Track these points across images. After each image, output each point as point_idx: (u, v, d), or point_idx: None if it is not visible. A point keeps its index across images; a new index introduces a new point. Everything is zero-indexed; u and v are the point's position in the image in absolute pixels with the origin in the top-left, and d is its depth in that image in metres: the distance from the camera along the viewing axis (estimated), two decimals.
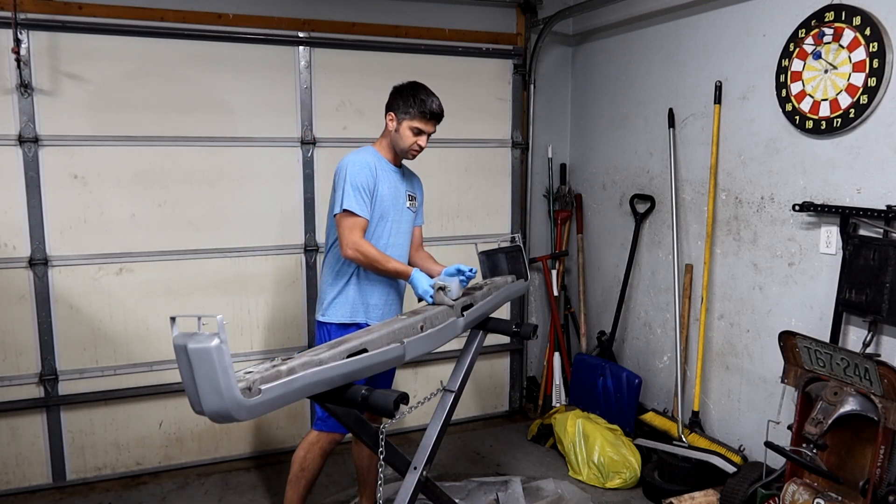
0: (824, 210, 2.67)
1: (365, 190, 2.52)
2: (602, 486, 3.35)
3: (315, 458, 2.64)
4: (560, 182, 4.33)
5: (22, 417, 3.31)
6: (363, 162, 2.55)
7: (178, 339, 1.51)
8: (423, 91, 2.61)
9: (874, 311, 2.47)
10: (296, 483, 2.65)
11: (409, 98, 2.58)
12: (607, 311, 4.05)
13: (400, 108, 2.59)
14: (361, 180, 2.51)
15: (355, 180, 2.51)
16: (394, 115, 2.61)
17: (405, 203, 2.71)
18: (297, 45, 3.54)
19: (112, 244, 3.34)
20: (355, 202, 2.49)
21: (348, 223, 2.50)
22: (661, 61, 3.55)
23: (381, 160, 2.65)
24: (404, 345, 2.04)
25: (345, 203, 2.49)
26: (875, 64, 2.48)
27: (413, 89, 2.60)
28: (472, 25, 3.93)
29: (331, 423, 2.60)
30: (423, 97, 2.58)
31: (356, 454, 2.88)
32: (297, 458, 2.65)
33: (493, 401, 4.34)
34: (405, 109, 2.58)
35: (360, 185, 2.51)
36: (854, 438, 2.42)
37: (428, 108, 2.57)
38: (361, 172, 2.52)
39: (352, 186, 2.50)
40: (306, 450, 2.64)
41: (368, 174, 2.54)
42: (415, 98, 2.57)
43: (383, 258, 2.49)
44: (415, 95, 2.58)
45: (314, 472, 2.65)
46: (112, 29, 3.21)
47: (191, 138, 3.40)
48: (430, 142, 3.83)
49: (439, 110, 2.62)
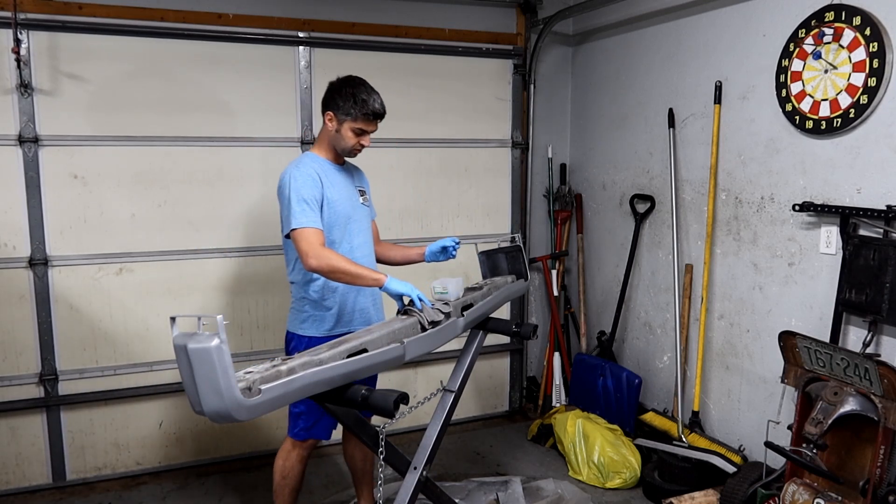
0: (824, 210, 2.67)
1: (313, 201, 2.38)
2: (602, 486, 3.35)
3: (294, 465, 2.61)
4: (560, 182, 4.33)
5: (22, 417, 3.31)
6: (305, 173, 2.40)
7: (178, 339, 1.51)
8: (364, 89, 2.43)
9: (874, 311, 2.47)
10: (280, 492, 2.63)
11: (349, 98, 2.41)
12: (607, 311, 4.05)
13: (340, 109, 2.43)
14: (307, 192, 2.37)
15: (301, 193, 2.36)
16: (333, 115, 2.46)
17: (359, 200, 2.62)
18: (297, 45, 3.54)
19: (112, 244, 3.34)
20: (305, 217, 2.34)
21: (303, 237, 2.33)
22: (661, 61, 3.55)
23: (325, 164, 2.52)
24: (404, 345, 2.04)
25: (293, 221, 2.34)
26: (875, 64, 2.48)
27: (352, 87, 2.42)
28: (472, 25, 3.93)
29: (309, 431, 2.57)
30: (364, 97, 2.41)
31: (348, 456, 2.87)
32: (277, 467, 2.62)
33: (493, 401, 4.34)
34: (345, 110, 2.42)
35: (307, 197, 2.36)
36: (854, 438, 2.42)
37: (371, 109, 2.41)
38: (306, 183, 2.38)
39: (297, 201, 2.35)
40: (284, 458, 2.61)
41: (313, 184, 2.39)
42: (355, 98, 2.40)
43: (350, 263, 2.33)
44: (355, 95, 2.41)
45: (296, 478, 2.63)
46: (112, 29, 3.21)
47: (191, 138, 3.40)
48: (431, 142, 3.92)
49: (382, 109, 2.46)
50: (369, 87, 2.46)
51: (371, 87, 2.47)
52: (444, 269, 3.94)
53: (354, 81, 2.46)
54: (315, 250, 2.31)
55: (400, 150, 3.83)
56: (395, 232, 3.85)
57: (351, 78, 2.48)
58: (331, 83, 2.49)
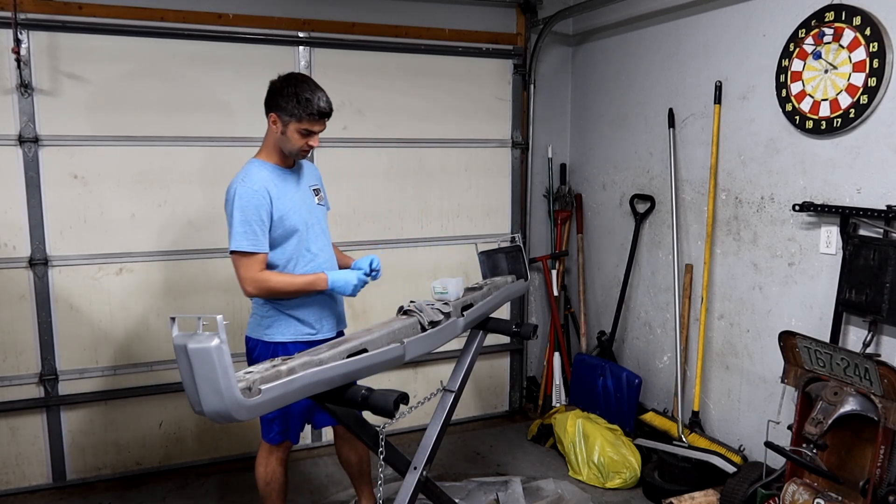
0: (824, 210, 2.67)
1: (259, 221, 2.31)
2: (602, 486, 3.35)
3: (275, 470, 2.61)
4: (560, 182, 4.33)
5: (22, 417, 3.31)
6: (251, 190, 2.31)
7: (178, 339, 1.51)
8: (307, 87, 2.31)
9: (874, 311, 2.47)
10: (268, 497, 2.63)
11: (291, 98, 2.29)
12: (607, 311, 4.05)
13: (283, 110, 2.31)
14: (252, 212, 2.30)
15: (246, 214, 2.29)
16: (276, 116, 2.34)
17: (314, 201, 2.56)
18: (297, 45, 3.54)
19: (112, 244, 3.34)
20: (245, 240, 2.29)
21: (244, 262, 2.31)
22: (661, 61, 3.55)
23: (274, 171, 2.42)
24: (404, 345, 2.05)
25: (232, 243, 2.30)
26: (875, 64, 2.48)
27: (295, 86, 2.30)
28: (472, 25, 3.93)
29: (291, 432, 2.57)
30: (307, 95, 2.28)
31: (343, 460, 2.85)
32: (259, 475, 2.61)
33: (493, 401, 4.34)
34: (289, 111, 2.30)
35: (252, 217, 2.30)
36: (854, 438, 2.42)
37: (316, 108, 2.29)
38: (250, 203, 2.30)
39: (241, 221, 2.29)
40: (264, 464, 2.61)
41: (259, 203, 2.31)
42: (298, 97, 2.28)
43: (289, 280, 2.34)
44: (298, 94, 2.28)
45: (280, 482, 2.62)
46: (112, 29, 3.20)
47: (191, 138, 3.40)
48: (431, 142, 3.92)
49: (328, 107, 2.34)
50: (313, 84, 2.35)
51: (315, 84, 2.36)
52: (444, 269, 3.95)
53: (297, 79, 2.34)
54: (251, 275, 2.32)
55: (400, 149, 3.83)
56: (395, 232, 3.86)
57: (293, 76, 2.37)
58: (272, 83, 2.37)
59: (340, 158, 3.64)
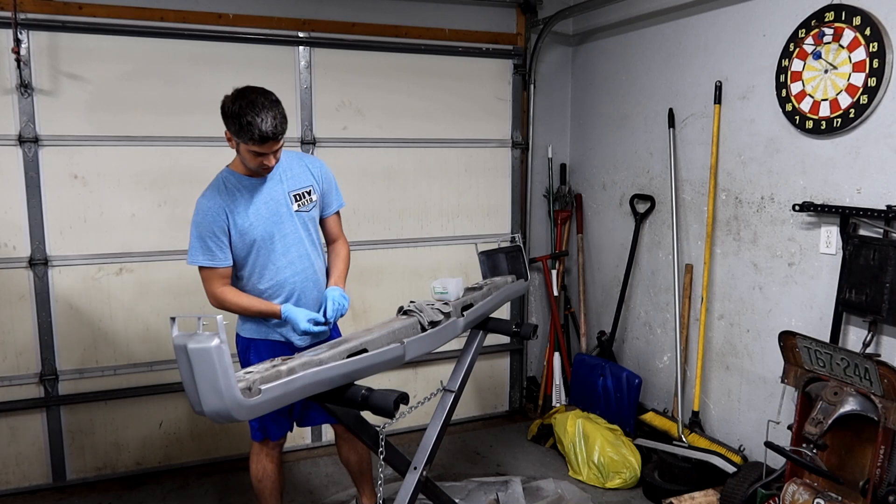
0: (824, 210, 2.67)
1: (213, 236, 2.32)
2: (602, 486, 3.35)
3: (266, 467, 2.61)
4: (560, 182, 4.33)
5: (22, 417, 3.31)
6: (206, 207, 2.32)
7: (178, 339, 1.52)
8: (251, 110, 2.17)
9: (874, 311, 2.47)
10: (262, 494, 2.64)
11: (235, 119, 2.19)
12: (607, 311, 4.05)
13: (232, 131, 2.24)
14: (206, 229, 2.31)
15: (200, 230, 2.32)
16: (229, 134, 2.28)
17: (289, 208, 2.43)
18: (297, 45, 3.54)
19: (112, 244, 3.34)
20: (202, 255, 2.33)
21: (204, 275, 2.37)
22: (661, 61, 3.55)
23: (240, 180, 2.38)
24: (404, 345, 2.05)
25: (189, 257, 2.35)
26: (875, 64, 2.48)
27: (239, 109, 2.18)
28: (472, 25, 3.93)
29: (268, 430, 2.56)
30: (249, 119, 2.16)
31: (343, 459, 2.86)
32: (251, 472, 2.63)
33: (493, 401, 4.34)
34: (235, 132, 2.22)
35: (206, 233, 2.31)
36: (854, 438, 2.42)
37: (257, 134, 2.17)
38: (205, 220, 2.31)
39: (197, 238, 2.32)
40: (255, 462, 2.62)
41: (213, 220, 2.31)
42: (240, 121, 2.17)
43: (245, 303, 2.36)
44: (240, 116, 2.17)
45: (273, 479, 2.63)
46: (112, 29, 3.21)
47: (191, 138, 3.40)
48: (431, 142, 3.92)
49: (272, 131, 2.19)
50: (261, 103, 2.19)
51: (264, 102, 2.20)
52: (444, 269, 3.95)
53: (244, 98, 2.20)
54: (211, 290, 2.38)
55: (400, 149, 3.83)
56: (395, 232, 3.86)
57: (242, 93, 2.22)
58: (224, 98, 2.26)
59: (340, 158, 3.64)
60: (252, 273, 2.43)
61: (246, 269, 2.42)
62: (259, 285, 2.44)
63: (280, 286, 2.45)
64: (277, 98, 2.27)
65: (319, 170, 2.56)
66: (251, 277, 2.43)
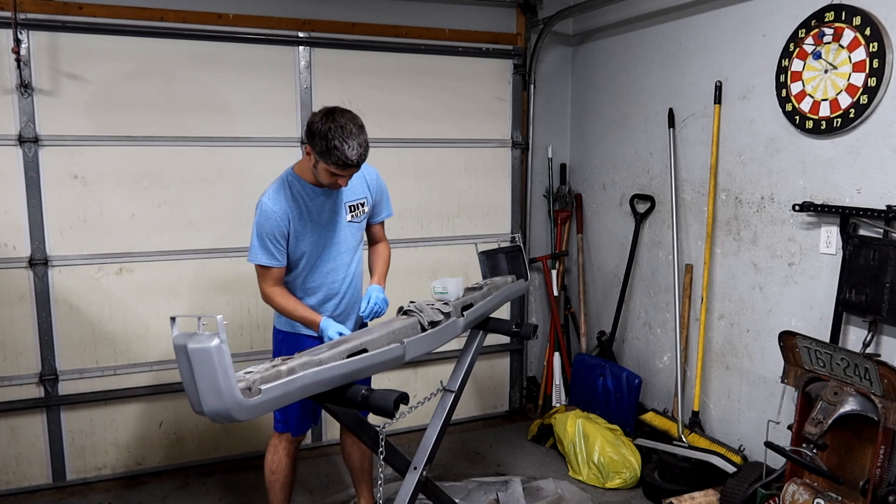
0: (824, 210, 2.67)
1: (273, 239, 2.41)
2: (602, 486, 3.35)
3: (281, 460, 2.64)
4: (560, 182, 4.33)
5: (22, 417, 3.31)
6: (270, 210, 2.39)
7: (178, 339, 1.51)
8: (339, 135, 2.21)
9: (874, 311, 2.47)
10: (272, 487, 2.66)
11: (321, 142, 2.23)
12: (607, 311, 4.05)
13: (315, 149, 2.28)
14: (267, 230, 2.40)
15: (261, 231, 2.41)
16: (311, 151, 2.33)
17: (344, 218, 2.55)
18: (297, 45, 3.54)
19: (112, 244, 3.34)
20: (262, 254, 2.42)
21: (259, 273, 2.47)
22: (661, 61, 3.55)
23: (304, 187, 2.46)
24: (404, 345, 2.05)
25: (249, 255, 2.45)
26: (875, 64, 2.48)
27: (328, 132, 2.21)
28: (472, 25, 3.93)
29: (290, 424, 2.60)
30: (336, 144, 2.20)
31: (346, 455, 2.88)
32: (266, 462, 2.66)
33: (493, 401, 4.34)
34: (320, 153, 2.26)
35: (266, 234, 2.40)
36: (854, 438, 2.42)
37: (342, 160, 2.23)
38: (267, 222, 2.40)
39: (257, 237, 2.41)
40: (272, 453, 2.66)
41: (275, 224, 2.39)
42: (327, 145, 2.21)
43: (290, 307, 2.45)
44: (328, 140, 2.21)
45: (285, 473, 2.65)
46: (112, 29, 3.21)
47: (191, 138, 3.40)
48: (431, 142, 3.92)
49: (357, 160, 2.25)
50: (350, 130, 2.23)
51: (353, 129, 2.24)
52: (444, 269, 3.95)
53: (334, 122, 2.23)
54: (263, 288, 2.50)
55: (400, 149, 3.83)
56: (395, 232, 3.84)
57: (332, 114, 2.26)
58: (312, 115, 2.32)
59: None
60: (303, 272, 2.54)
61: (298, 269, 2.54)
62: (307, 284, 2.56)
63: (325, 287, 2.57)
64: (363, 124, 2.31)
65: (376, 181, 2.66)
66: (301, 274, 2.55)
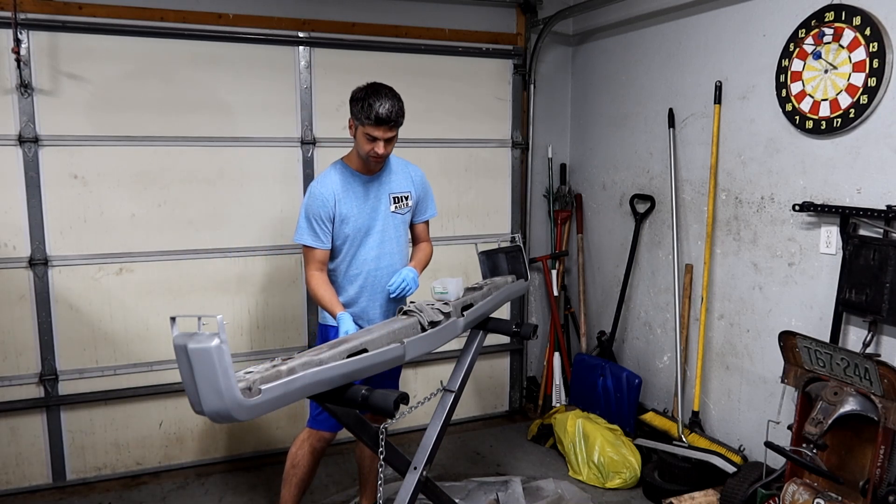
0: (824, 210, 2.67)
1: (319, 220, 2.52)
2: (602, 486, 3.35)
3: (305, 456, 2.65)
4: (560, 182, 4.33)
5: (22, 417, 3.31)
6: (318, 193, 2.52)
7: (178, 339, 1.51)
8: (375, 94, 2.43)
9: (874, 311, 2.47)
10: (288, 481, 2.66)
11: (359, 102, 2.44)
12: (607, 311, 4.05)
13: (354, 114, 2.47)
14: (314, 211, 2.52)
15: (308, 212, 2.53)
16: (351, 119, 2.51)
17: (388, 208, 2.65)
18: (297, 45, 3.54)
19: (112, 244, 3.34)
20: (307, 235, 2.53)
21: (305, 254, 2.59)
22: (661, 61, 3.55)
23: (351, 175, 2.59)
24: (404, 345, 2.04)
25: (295, 235, 2.57)
26: (875, 64, 2.48)
27: (365, 93, 2.44)
28: (472, 25, 3.93)
29: (321, 421, 2.61)
30: (371, 100, 2.40)
31: (359, 453, 2.90)
32: (290, 454, 2.68)
33: (493, 401, 4.34)
34: (357, 115, 2.45)
35: (314, 216, 2.52)
36: (854, 438, 2.42)
37: (374, 113, 2.39)
38: (314, 203, 2.52)
39: (305, 218, 2.54)
40: (297, 446, 2.67)
41: (322, 205, 2.51)
42: (363, 102, 2.42)
43: (319, 294, 2.53)
44: (364, 99, 2.42)
45: (305, 469, 2.65)
46: (112, 29, 3.21)
47: (191, 138, 3.40)
48: (431, 142, 3.92)
49: (387, 114, 2.41)
50: (383, 92, 2.44)
51: (389, 93, 2.45)
52: (444, 269, 3.95)
53: (372, 87, 2.46)
54: (307, 270, 2.59)
55: (400, 150, 3.81)
56: None
57: (373, 84, 2.48)
58: (356, 87, 2.50)
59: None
60: (346, 257, 2.62)
61: (341, 254, 2.61)
62: (350, 270, 2.63)
63: (364, 275, 2.63)
64: (400, 96, 2.50)
65: (420, 179, 2.78)
66: (345, 259, 2.62)
